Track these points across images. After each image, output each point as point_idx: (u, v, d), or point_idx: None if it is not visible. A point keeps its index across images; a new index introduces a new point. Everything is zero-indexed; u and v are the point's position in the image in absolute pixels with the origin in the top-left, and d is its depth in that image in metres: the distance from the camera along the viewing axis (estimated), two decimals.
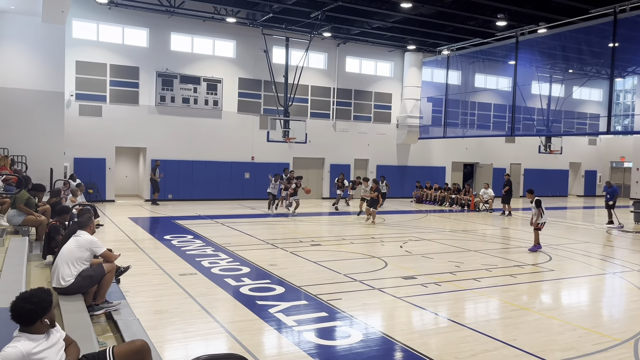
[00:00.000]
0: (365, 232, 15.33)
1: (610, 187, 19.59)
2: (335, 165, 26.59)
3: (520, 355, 5.81)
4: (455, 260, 11.32)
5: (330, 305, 7.52)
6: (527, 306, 8.02)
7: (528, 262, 11.33)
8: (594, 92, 34.85)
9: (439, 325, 7.00)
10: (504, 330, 6.83)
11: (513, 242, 14.62)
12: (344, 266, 10.24)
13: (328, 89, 26.34)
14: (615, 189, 19.62)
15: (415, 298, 8.09)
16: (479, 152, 30.89)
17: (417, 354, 5.81)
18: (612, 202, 18.84)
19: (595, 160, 35.78)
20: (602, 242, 15.15)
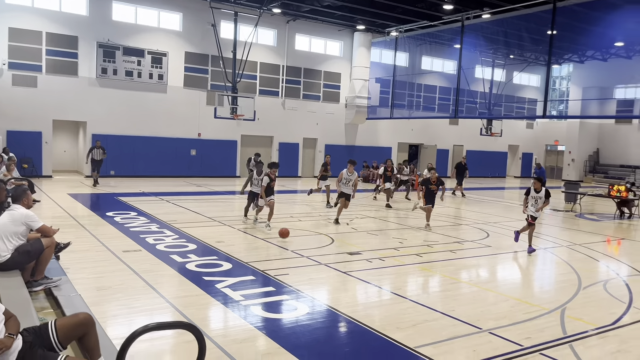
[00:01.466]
0: (313, 211, 15.48)
1: (540, 168, 20.77)
2: (284, 144, 26.54)
3: (457, 325, 6.13)
4: (399, 237, 11.68)
5: (278, 280, 7.61)
6: (465, 279, 8.42)
7: (467, 239, 11.85)
8: (533, 77, 36.34)
9: (382, 298, 7.25)
10: (443, 302, 7.16)
11: (454, 219, 15.20)
12: (292, 243, 10.34)
13: (277, 66, 26.10)
14: (543, 170, 20.82)
15: (360, 273, 8.31)
16: (424, 133, 31.67)
17: (361, 325, 6.01)
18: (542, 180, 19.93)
19: (532, 143, 37.52)
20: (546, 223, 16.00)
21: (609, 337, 6.01)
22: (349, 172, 12.98)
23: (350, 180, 12.94)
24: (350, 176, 12.94)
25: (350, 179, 12.93)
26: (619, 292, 7.98)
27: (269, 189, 11.62)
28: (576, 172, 35.29)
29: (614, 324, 6.44)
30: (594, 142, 36.37)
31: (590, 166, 35.83)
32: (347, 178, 12.93)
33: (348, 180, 12.94)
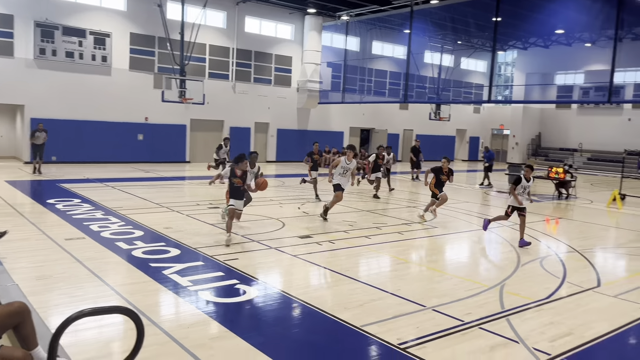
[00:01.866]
0: (265, 195, 15.43)
1: (488, 151, 21.47)
2: (235, 128, 26.22)
3: (403, 303, 6.32)
4: (349, 219, 11.84)
5: (227, 265, 7.58)
6: (411, 260, 8.66)
7: (415, 220, 12.15)
8: (480, 63, 37.33)
9: (330, 280, 7.36)
10: (390, 282, 7.35)
11: (404, 202, 15.53)
12: (242, 228, 10.29)
13: (227, 49, 25.63)
14: (492, 153, 21.54)
15: (310, 256, 8.39)
16: (375, 118, 32.03)
17: (310, 307, 6.09)
18: (488, 165, 20.69)
19: (479, 128, 38.68)
20: (480, 202, 16.62)
21: (544, 310, 6.35)
22: (347, 160, 11.32)
23: (349, 169, 11.34)
24: (349, 165, 11.32)
25: (348, 167, 11.32)
26: (554, 268, 8.43)
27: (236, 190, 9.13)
28: (520, 155, 36.70)
29: (548, 297, 6.81)
30: (536, 126, 37.88)
31: (533, 149, 37.35)
32: (345, 167, 11.29)
33: (346, 170, 11.31)
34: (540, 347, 5.21)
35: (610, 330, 5.75)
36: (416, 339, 5.28)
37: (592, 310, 6.44)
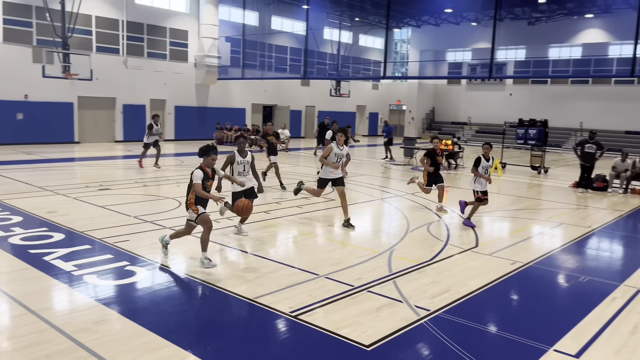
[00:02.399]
0: (162, 175, 14.90)
1: (387, 125, 22.34)
2: (128, 106, 24.85)
3: (297, 273, 6.47)
4: None
5: (117, 247, 7.27)
6: (307, 232, 8.85)
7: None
8: (377, 40, 38.33)
9: (227, 256, 7.32)
10: (286, 254, 7.48)
11: (303, 177, 15.75)
12: (135, 209, 9.89)
13: (116, 21, 24.05)
14: (390, 127, 22.42)
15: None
16: (277, 94, 31.90)
17: (205, 284, 6.03)
18: (387, 139, 21.54)
19: (378, 104, 39.96)
20: (379, 174, 17.29)
21: (427, 270, 6.81)
22: (339, 146, 9.14)
23: (342, 157, 9.23)
24: (342, 151, 9.19)
25: (341, 154, 9.20)
26: (439, 232, 9.05)
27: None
28: (416, 130, 38.52)
29: (431, 259, 7.31)
30: (430, 102, 39.88)
31: (427, 123, 39.36)
32: (338, 154, 9.14)
33: (339, 158, 9.18)
34: (421, 304, 5.59)
35: (482, 285, 6.31)
36: (307, 306, 5.44)
37: (469, 268, 7.01)
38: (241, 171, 8.26)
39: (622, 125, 30.47)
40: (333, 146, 9.18)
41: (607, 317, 5.44)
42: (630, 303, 5.91)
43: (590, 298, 6.09)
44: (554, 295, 6.44)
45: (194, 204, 6.57)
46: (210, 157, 6.66)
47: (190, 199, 6.60)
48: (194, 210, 6.55)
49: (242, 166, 8.24)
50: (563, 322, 5.30)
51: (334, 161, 9.12)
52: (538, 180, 17.14)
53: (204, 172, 6.57)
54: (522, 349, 4.68)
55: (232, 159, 8.17)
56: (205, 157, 6.68)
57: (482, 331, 5.07)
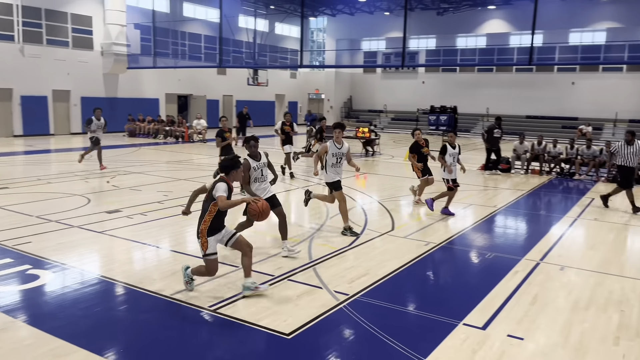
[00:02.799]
0: (68, 170, 14.00)
1: (310, 114, 22.57)
2: (27, 97, 23.03)
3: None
4: (164, 190, 11.40)
5: (17, 251, 6.74)
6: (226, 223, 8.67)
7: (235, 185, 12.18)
8: (293, 28, 38.28)
9: (141, 253, 7.03)
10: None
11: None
12: (38, 208, 9.22)
13: (9, 5, 22.12)
14: (314, 116, 22.69)
15: (118, 231, 7.90)
16: (192, 83, 30.97)
17: (116, 283, 5.76)
18: (310, 129, 21.70)
19: (297, 92, 40.01)
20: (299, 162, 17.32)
21: (346, 256, 6.95)
22: (336, 143, 8.09)
23: (342, 155, 8.13)
24: (340, 149, 8.10)
25: (341, 153, 8.11)
26: (358, 218, 9.25)
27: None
28: (335, 118, 39.02)
29: (350, 245, 7.47)
30: (347, 90, 40.55)
31: (346, 112, 40.03)
32: (337, 153, 8.06)
33: (339, 157, 8.08)
34: (340, 289, 5.70)
35: (398, 267, 6.54)
36: (228, 298, 5.36)
37: (386, 251, 7.24)
38: (259, 177, 6.95)
39: (523, 110, 32.69)
40: (329, 145, 8.01)
41: (509, 290, 5.84)
42: (530, 276, 6.38)
43: (495, 273, 6.50)
44: (463, 272, 6.82)
45: (206, 235, 5.35)
46: (238, 170, 5.54)
47: (205, 222, 5.33)
48: (204, 244, 5.36)
49: (259, 171, 6.94)
50: (471, 297, 5.62)
51: (333, 162, 7.97)
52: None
53: (228, 185, 5.36)
54: (435, 324, 4.91)
55: (248, 166, 6.77)
56: (233, 171, 5.49)
57: (398, 311, 5.25)
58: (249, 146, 6.96)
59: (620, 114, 30.02)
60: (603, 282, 6.21)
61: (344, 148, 8.12)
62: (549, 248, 7.65)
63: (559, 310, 5.31)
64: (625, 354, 4.41)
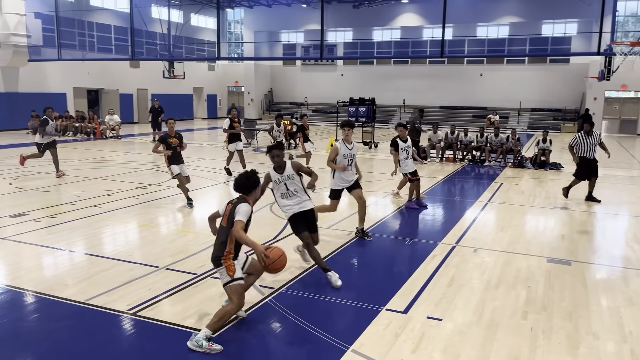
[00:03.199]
0: None
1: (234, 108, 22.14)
2: None
3: (135, 268, 6.09)
4: (75, 190, 10.75)
5: None
6: (145, 223, 8.37)
7: (151, 183, 11.76)
8: (209, 20, 37.34)
9: (51, 258, 6.59)
10: (122, 248, 6.98)
11: (139, 165, 14.84)
12: None
13: None
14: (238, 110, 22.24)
15: (23, 236, 7.35)
16: (103, 77, 29.37)
17: (22, 291, 5.36)
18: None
19: (215, 85, 39.15)
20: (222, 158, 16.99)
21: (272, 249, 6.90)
22: (347, 143, 7.43)
23: (353, 157, 7.48)
24: (351, 150, 7.45)
25: (352, 154, 7.45)
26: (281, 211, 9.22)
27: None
28: (255, 111, 38.67)
29: (275, 238, 7.46)
30: (267, 83, 40.27)
31: (267, 105, 39.77)
32: (347, 154, 7.40)
33: (350, 158, 7.42)
34: (265, 283, 5.67)
35: (323, 257, 6.59)
36: (147, 300, 5.17)
37: None
38: (284, 192, 5.93)
39: (437, 100, 34.13)
40: (339, 145, 7.36)
41: (428, 274, 6.10)
42: (447, 259, 6.70)
43: (414, 258, 6.77)
44: (384, 259, 7.03)
45: (232, 258, 4.55)
46: (258, 188, 4.83)
47: (230, 244, 4.54)
48: (230, 268, 4.50)
49: (282, 185, 5.88)
50: (393, 283, 5.81)
51: (345, 164, 7.35)
52: (370, 155, 18.45)
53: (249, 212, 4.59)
54: (359, 312, 5.03)
55: (269, 179, 5.94)
56: (254, 190, 4.76)
57: (323, 301, 5.32)
58: (271, 156, 5.91)
59: (524, 103, 32.22)
60: (512, 261, 6.66)
61: (355, 148, 7.46)
62: (463, 232, 8.07)
63: (474, 290, 5.63)
64: (532, 326, 4.76)
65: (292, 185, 5.89)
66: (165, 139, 9.39)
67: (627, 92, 28.90)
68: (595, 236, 8.22)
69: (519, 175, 13.88)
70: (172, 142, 9.40)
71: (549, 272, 6.22)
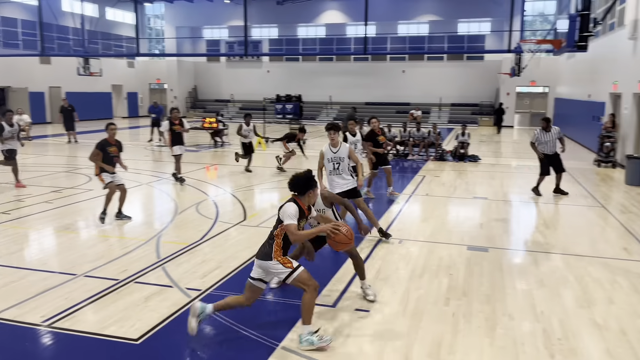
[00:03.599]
0: None
1: (157, 107, 21.47)
2: None
3: (49, 277, 5.73)
4: None
5: None
6: (61, 229, 7.88)
7: (67, 186, 11.11)
8: (127, 15, 35.79)
9: None
10: (34, 257, 6.54)
11: (53, 168, 13.97)
12: None
13: None
14: (161, 108, 21.60)
15: None
16: (9, 74, 27.28)
17: None
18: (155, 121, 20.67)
19: (136, 82, 37.60)
20: (145, 158, 16.38)
21: (197, 251, 6.75)
22: (332, 147, 7.05)
23: (341, 160, 7.03)
24: (336, 153, 7.04)
25: (338, 157, 7.03)
26: (208, 211, 9.05)
27: None
28: (180, 108, 37.56)
29: (201, 239, 7.28)
30: (191, 80, 39.24)
31: (191, 102, 38.76)
32: (333, 157, 7.06)
33: (336, 162, 7.04)
34: (192, 285, 5.53)
35: (252, 256, 6.53)
36: (64, 311, 4.87)
37: (238, 242, 7.20)
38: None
39: (362, 97, 34.79)
40: (324, 151, 7.06)
41: None
42: (374, 251, 6.85)
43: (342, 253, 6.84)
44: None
45: (281, 254, 4.35)
46: (315, 190, 4.55)
47: (277, 245, 4.34)
48: (287, 263, 4.30)
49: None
50: (322, 277, 5.83)
51: (331, 169, 7.03)
52: (299, 152, 18.47)
53: (300, 208, 4.42)
54: (289, 308, 5.03)
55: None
56: (310, 191, 4.49)
57: None
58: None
59: (444, 98, 33.61)
60: (434, 250, 6.93)
61: (342, 151, 7.01)
62: (389, 223, 8.29)
63: (400, 280, 5.80)
64: (454, 312, 4.97)
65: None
66: (104, 146, 8.21)
67: (536, 87, 30.94)
68: (511, 223, 8.73)
69: (440, 168, 14.47)
70: (112, 152, 8.29)
71: (469, 259, 6.53)
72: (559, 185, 10.64)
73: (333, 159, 7.05)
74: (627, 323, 4.77)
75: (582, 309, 5.09)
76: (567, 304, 5.21)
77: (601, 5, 17.83)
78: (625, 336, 4.53)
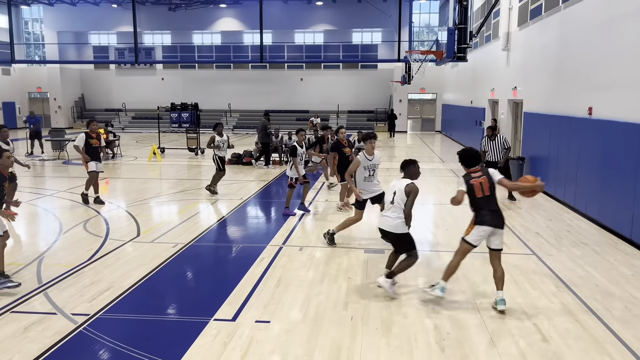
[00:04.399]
0: None
1: (34, 117, 19.84)
2: None
3: None
4: None
5: None
6: None
7: None
8: (1, 18, 32.72)
9: None
10: None
11: None
12: None
13: None
14: (38, 118, 19.95)
15: None
16: None
17: None
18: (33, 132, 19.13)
19: (13, 91, 34.43)
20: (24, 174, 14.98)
21: (85, 272, 6.29)
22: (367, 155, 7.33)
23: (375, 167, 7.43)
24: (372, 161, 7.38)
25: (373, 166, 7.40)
26: (98, 228, 8.48)
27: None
28: (65, 119, 35.01)
29: (90, 259, 6.80)
30: (78, 88, 36.74)
31: (78, 112, 36.26)
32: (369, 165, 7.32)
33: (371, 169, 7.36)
34: (79, 310, 5.14)
35: (145, 274, 6.23)
36: None
37: (131, 260, 6.82)
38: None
39: (261, 105, 34.69)
40: (360, 158, 7.21)
41: (257, 277, 6.15)
42: (274, 260, 6.83)
43: (243, 263, 6.76)
44: (212, 268, 6.89)
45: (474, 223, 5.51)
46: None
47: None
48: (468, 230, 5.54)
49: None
50: (221, 291, 5.72)
51: (366, 176, 7.24)
52: (197, 161, 18.00)
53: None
54: (186, 326, 4.84)
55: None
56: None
57: (147, 320, 5.01)
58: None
59: (341, 106, 34.55)
60: (334, 255, 7.06)
61: (376, 159, 7.42)
62: (289, 231, 8.32)
63: (300, 287, 5.82)
64: (353, 315, 5.09)
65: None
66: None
67: (426, 94, 32.87)
68: None
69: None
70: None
71: (366, 262, 6.73)
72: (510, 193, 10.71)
73: (369, 167, 7.34)
74: (508, 310, 5.18)
75: (469, 302, 5.45)
76: (456, 298, 5.55)
77: (478, 19, 19.39)
78: (505, 322, 4.91)
